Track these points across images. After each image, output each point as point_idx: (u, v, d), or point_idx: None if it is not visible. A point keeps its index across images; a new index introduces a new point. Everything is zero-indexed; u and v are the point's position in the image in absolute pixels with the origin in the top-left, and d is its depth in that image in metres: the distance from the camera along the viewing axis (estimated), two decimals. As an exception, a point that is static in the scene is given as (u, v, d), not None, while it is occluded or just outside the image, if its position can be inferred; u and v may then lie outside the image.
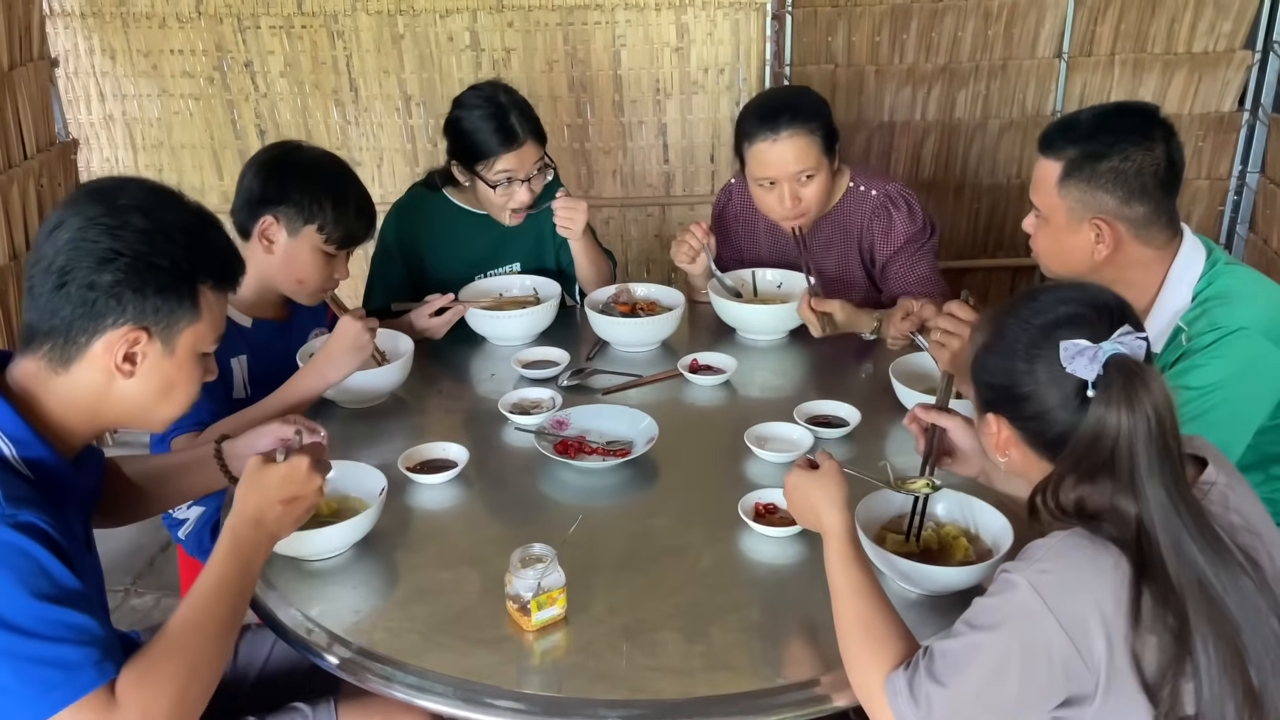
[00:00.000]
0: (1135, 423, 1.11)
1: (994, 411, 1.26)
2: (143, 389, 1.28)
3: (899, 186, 2.33)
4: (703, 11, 3.07)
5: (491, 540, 1.60)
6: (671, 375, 2.09)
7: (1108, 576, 1.09)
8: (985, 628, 1.13)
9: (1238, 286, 1.68)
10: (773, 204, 2.26)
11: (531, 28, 3.08)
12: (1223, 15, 3.09)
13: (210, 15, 3.10)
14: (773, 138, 2.18)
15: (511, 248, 2.47)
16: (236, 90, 3.21)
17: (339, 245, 2.01)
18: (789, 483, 1.45)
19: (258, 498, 1.34)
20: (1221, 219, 3.35)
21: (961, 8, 3.12)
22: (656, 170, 3.30)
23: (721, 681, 1.31)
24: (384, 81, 3.18)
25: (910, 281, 2.30)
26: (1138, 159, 1.67)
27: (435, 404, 2.09)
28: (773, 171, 2.21)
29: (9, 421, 1.22)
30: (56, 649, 1.12)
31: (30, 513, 1.15)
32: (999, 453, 1.28)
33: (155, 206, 1.27)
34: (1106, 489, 1.14)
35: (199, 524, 2.11)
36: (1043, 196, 1.75)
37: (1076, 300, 1.21)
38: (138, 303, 1.23)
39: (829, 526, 1.36)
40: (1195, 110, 3.20)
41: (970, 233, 3.42)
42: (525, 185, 2.29)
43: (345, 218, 1.99)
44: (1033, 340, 1.20)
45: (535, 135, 2.28)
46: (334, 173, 2.03)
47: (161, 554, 3.01)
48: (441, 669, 1.34)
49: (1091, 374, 1.14)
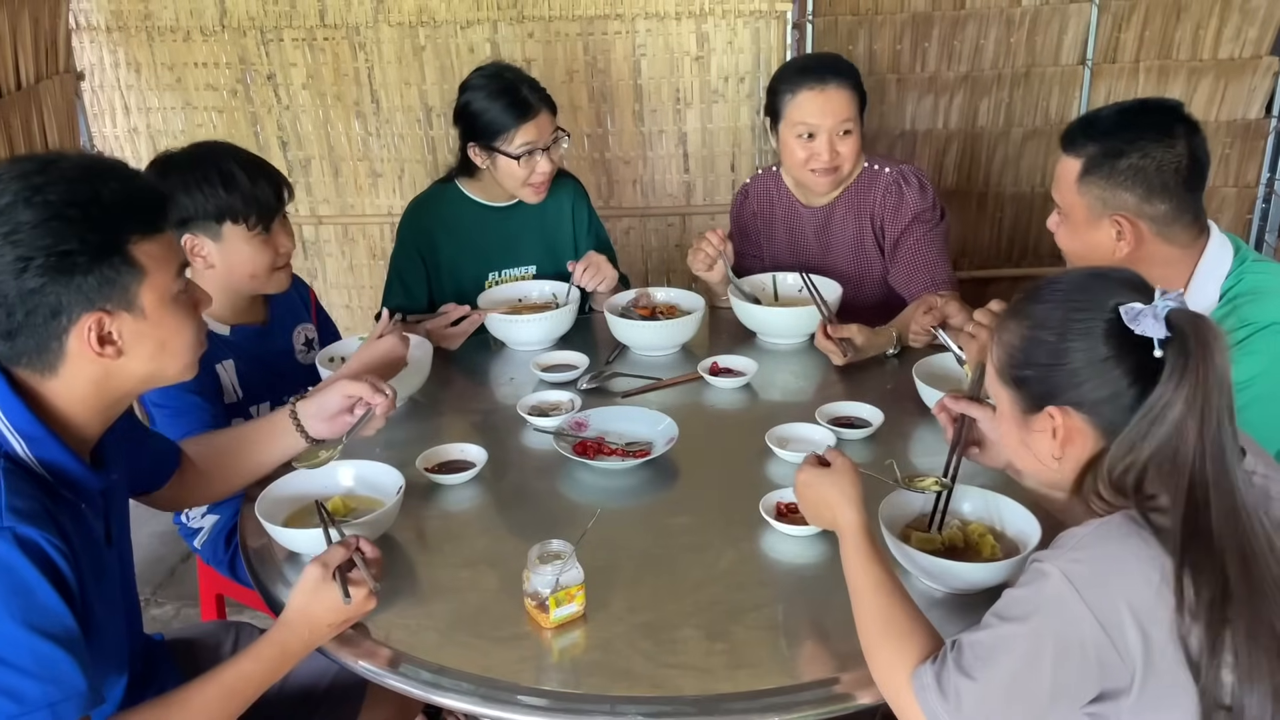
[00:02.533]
0: (1208, 377, 1.06)
1: (1051, 404, 1.17)
2: (139, 359, 1.26)
3: (913, 166, 2.38)
4: (723, 20, 3.07)
5: (509, 539, 1.58)
6: (692, 378, 2.08)
7: (1144, 565, 1.05)
8: (1016, 619, 1.09)
9: (1268, 282, 1.66)
10: (811, 155, 2.29)
11: (552, 38, 3.09)
12: (1248, 22, 3.06)
13: (234, 28, 3.13)
14: (820, 87, 2.26)
15: (525, 247, 2.47)
16: (259, 102, 3.24)
17: (263, 223, 1.91)
18: (800, 480, 1.43)
19: (312, 612, 1.33)
20: (1250, 226, 3.31)
21: (984, 15, 3.10)
22: (677, 180, 3.29)
23: (743, 679, 1.28)
24: (405, 93, 3.20)
25: (918, 266, 2.31)
26: (1158, 156, 1.65)
27: (453, 407, 2.08)
28: (816, 119, 2.26)
29: (20, 418, 1.20)
30: (17, 679, 1.09)
31: (33, 528, 1.12)
32: (1060, 447, 1.18)
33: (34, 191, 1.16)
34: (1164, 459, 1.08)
35: (214, 532, 2.11)
36: (1063, 194, 1.74)
37: (1096, 273, 1.19)
38: (74, 293, 1.18)
39: (845, 524, 1.34)
40: (1222, 117, 3.17)
41: (994, 242, 3.39)
42: (546, 155, 2.29)
43: (247, 195, 1.87)
44: (1073, 312, 1.15)
45: (547, 105, 2.30)
46: (209, 161, 1.89)
47: (182, 564, 3.01)
48: (460, 666, 1.32)
49: (1160, 331, 1.08)
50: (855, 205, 2.39)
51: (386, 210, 3.33)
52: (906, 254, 2.33)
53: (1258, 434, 1.55)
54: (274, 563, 1.55)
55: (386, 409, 1.62)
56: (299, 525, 1.55)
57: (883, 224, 2.36)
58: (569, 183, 2.53)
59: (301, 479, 1.62)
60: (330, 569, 1.33)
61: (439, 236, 2.39)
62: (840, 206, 2.40)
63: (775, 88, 2.34)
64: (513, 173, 2.30)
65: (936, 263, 2.32)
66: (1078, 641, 1.05)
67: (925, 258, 2.31)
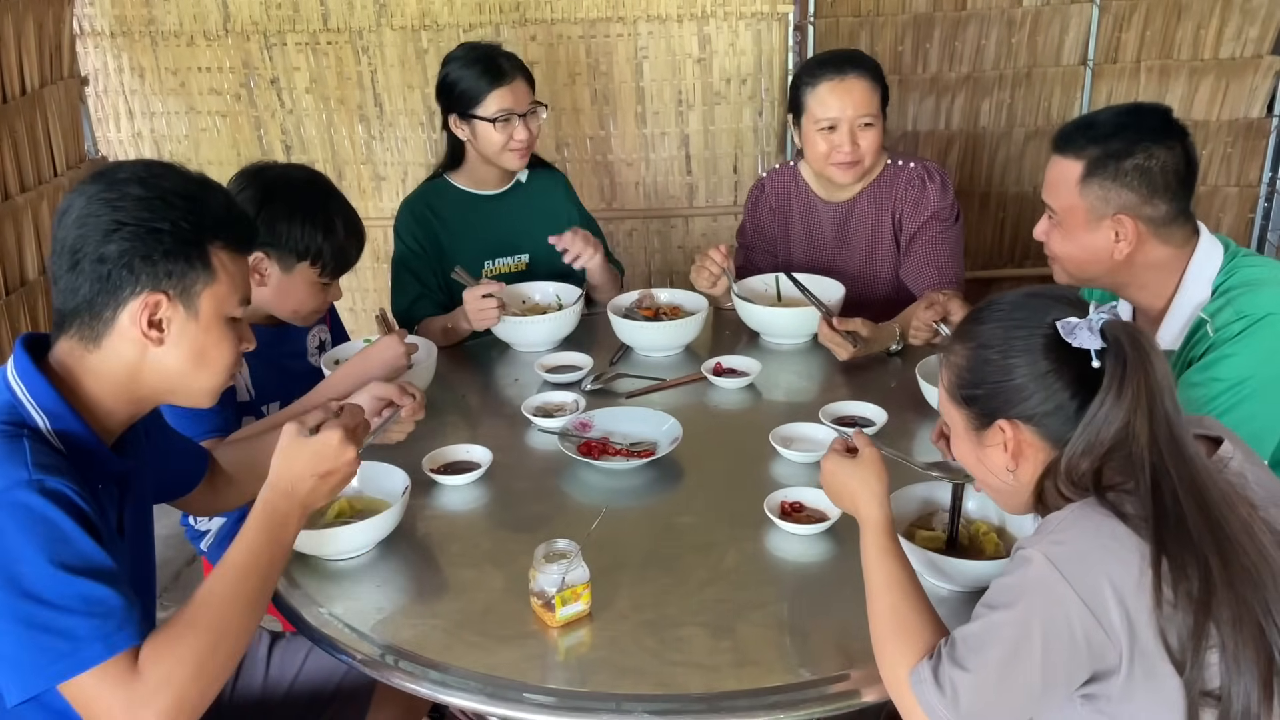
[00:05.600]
0: (1148, 381, 1.11)
1: (1001, 418, 1.20)
2: (175, 357, 1.30)
3: (936, 164, 2.40)
4: (724, 22, 3.07)
5: (514, 539, 1.59)
6: (695, 379, 2.08)
7: (1123, 542, 1.08)
8: (1003, 606, 1.11)
9: (1261, 274, 1.66)
10: (832, 148, 2.30)
11: (554, 41, 3.10)
12: (1249, 21, 3.06)
13: (237, 33, 3.15)
14: (840, 78, 2.28)
15: (518, 235, 2.49)
16: (263, 107, 3.25)
17: (334, 275, 1.98)
18: (826, 468, 1.42)
19: (291, 468, 1.33)
20: (1252, 226, 3.31)
21: (985, 16, 3.11)
22: (679, 182, 3.30)
23: (748, 676, 1.29)
24: (408, 96, 3.21)
25: (929, 263, 2.33)
26: (1161, 156, 1.66)
27: (458, 409, 2.08)
28: (836, 111, 2.28)
29: (45, 395, 1.24)
30: (67, 619, 1.12)
31: (58, 479, 1.16)
32: (1012, 461, 1.21)
33: (151, 176, 1.28)
34: (1120, 457, 1.12)
35: (220, 535, 2.11)
36: (1061, 196, 1.72)
37: (1033, 293, 1.23)
38: (149, 269, 1.25)
39: (867, 518, 1.34)
40: (1223, 117, 3.17)
41: (996, 242, 3.40)
42: (523, 122, 2.33)
43: (337, 248, 1.94)
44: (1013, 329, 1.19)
45: (523, 74, 2.35)
46: (320, 201, 1.95)
47: (188, 567, 3.02)
48: (467, 665, 1.33)
49: (1095, 343, 1.13)
50: (877, 201, 2.39)
51: (390, 214, 3.29)
52: (920, 250, 2.34)
53: (1259, 427, 1.56)
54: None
55: (413, 411, 1.64)
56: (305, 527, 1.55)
57: (901, 218, 2.37)
58: (557, 176, 2.59)
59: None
60: (306, 427, 1.35)
61: (434, 229, 2.41)
62: (862, 202, 2.40)
63: (797, 83, 2.36)
64: (491, 139, 2.34)
65: (948, 262, 2.33)
66: (1065, 623, 1.07)
67: (937, 255, 2.33)
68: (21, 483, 1.14)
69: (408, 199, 2.49)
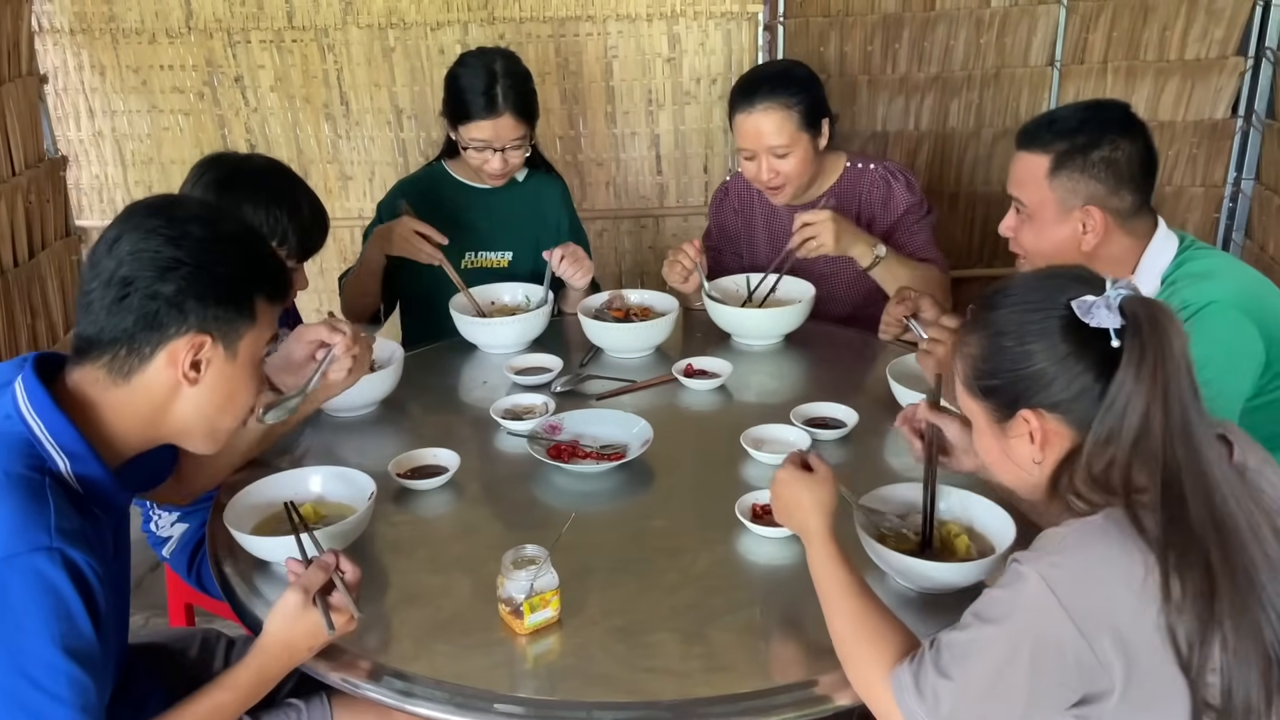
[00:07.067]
0: (1165, 359, 1.06)
1: (1024, 407, 1.16)
2: (207, 398, 1.29)
3: (898, 164, 2.41)
4: (694, 22, 3.06)
5: (483, 545, 1.56)
6: (666, 380, 2.07)
7: (1127, 565, 1.04)
8: (993, 620, 1.08)
9: (1208, 265, 1.70)
10: (753, 174, 2.32)
11: (523, 40, 3.08)
12: (1214, 22, 3.09)
13: (200, 30, 3.10)
14: (749, 110, 2.26)
15: (505, 232, 2.48)
16: (227, 105, 3.20)
17: (299, 257, 1.94)
18: (779, 477, 1.41)
19: (288, 635, 1.31)
20: (1217, 226, 3.33)
21: (953, 17, 3.11)
22: (650, 181, 3.28)
23: (720, 682, 1.27)
24: (375, 95, 3.17)
25: (910, 250, 2.34)
26: (1125, 148, 1.71)
27: (426, 411, 2.05)
28: (748, 143, 2.29)
29: (67, 436, 1.21)
30: (50, 705, 1.11)
31: (78, 550, 1.14)
32: (1039, 452, 1.17)
33: (211, 219, 1.29)
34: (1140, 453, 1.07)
35: (183, 541, 2.08)
36: (1030, 190, 1.76)
37: (1046, 274, 1.19)
38: (200, 311, 1.24)
39: (814, 530, 1.33)
40: (1189, 117, 3.20)
41: (966, 242, 3.40)
42: (500, 155, 2.31)
43: (302, 227, 1.91)
44: (1028, 314, 1.15)
45: (518, 110, 2.30)
46: (283, 182, 1.93)
47: (150, 573, 2.96)
48: (433, 674, 1.30)
49: (1114, 321, 1.08)
50: (841, 204, 2.38)
51: (357, 214, 3.30)
52: (898, 242, 2.35)
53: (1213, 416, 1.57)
54: (243, 572, 1.53)
55: (346, 345, 1.62)
56: (268, 532, 1.53)
57: (871, 221, 2.37)
58: (556, 181, 2.58)
59: (269, 486, 1.60)
60: (310, 594, 1.30)
61: (421, 212, 2.39)
62: (823, 204, 2.39)
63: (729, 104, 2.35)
64: (470, 156, 2.35)
65: (927, 246, 2.35)
66: (1055, 646, 1.04)
67: (916, 242, 2.35)
68: (42, 548, 1.12)
69: (403, 180, 2.54)
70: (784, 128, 2.24)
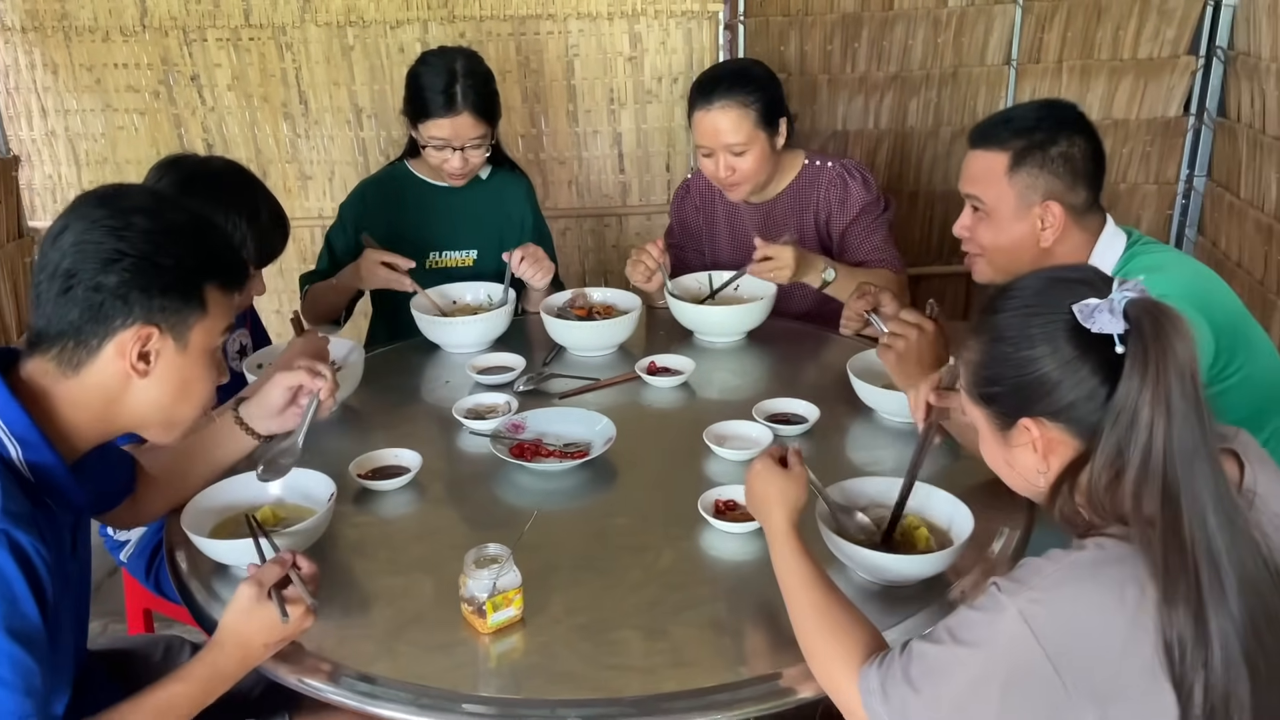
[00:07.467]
0: (1166, 367, 1.01)
1: (1026, 416, 1.12)
2: (160, 389, 1.28)
3: (855, 161, 2.42)
4: (655, 20, 3.07)
5: (445, 545, 1.55)
6: (629, 378, 2.07)
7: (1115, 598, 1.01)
8: (966, 644, 1.06)
9: (1158, 260, 1.72)
10: (711, 171, 2.34)
11: (484, 38, 3.06)
12: (1166, 22, 3.14)
13: (155, 28, 3.05)
14: (706, 107, 2.28)
15: (468, 230, 2.48)
16: (183, 104, 3.16)
17: (256, 264, 1.91)
18: (754, 468, 1.42)
19: (243, 631, 1.29)
20: (1170, 223, 3.39)
21: (911, 16, 3.14)
22: (612, 180, 3.28)
23: (685, 677, 1.27)
24: (334, 94, 3.15)
25: (866, 250, 2.36)
26: (1081, 144, 1.74)
27: (387, 412, 2.04)
28: (706, 140, 2.30)
29: (19, 423, 1.20)
30: None
31: (24, 532, 1.13)
32: (1043, 459, 1.13)
33: (158, 208, 1.27)
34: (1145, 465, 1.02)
35: (140, 545, 2.05)
36: (988, 187, 1.78)
37: (1050, 274, 1.15)
38: (145, 302, 1.23)
39: (778, 523, 1.34)
40: (1142, 115, 3.25)
41: (925, 239, 3.44)
42: (459, 154, 2.31)
43: (261, 234, 1.88)
44: (1031, 319, 1.10)
45: (477, 110, 2.28)
46: (242, 187, 1.89)
47: (108, 578, 2.92)
48: (395, 675, 1.29)
49: (1117, 326, 1.03)
50: (798, 200, 2.41)
51: (317, 213, 3.27)
52: (854, 241, 2.38)
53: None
54: (202, 576, 1.51)
55: (330, 390, 1.60)
56: (227, 536, 1.51)
57: (829, 218, 2.39)
58: (521, 179, 2.58)
59: (228, 488, 1.58)
60: (265, 588, 1.29)
61: (384, 212, 2.38)
62: (783, 201, 2.42)
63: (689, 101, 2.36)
64: (429, 154, 2.34)
65: (883, 246, 2.38)
66: (1029, 679, 1.02)
67: (872, 242, 2.37)
68: None
69: (365, 180, 2.53)
70: (741, 125, 2.26)
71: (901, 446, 1.79)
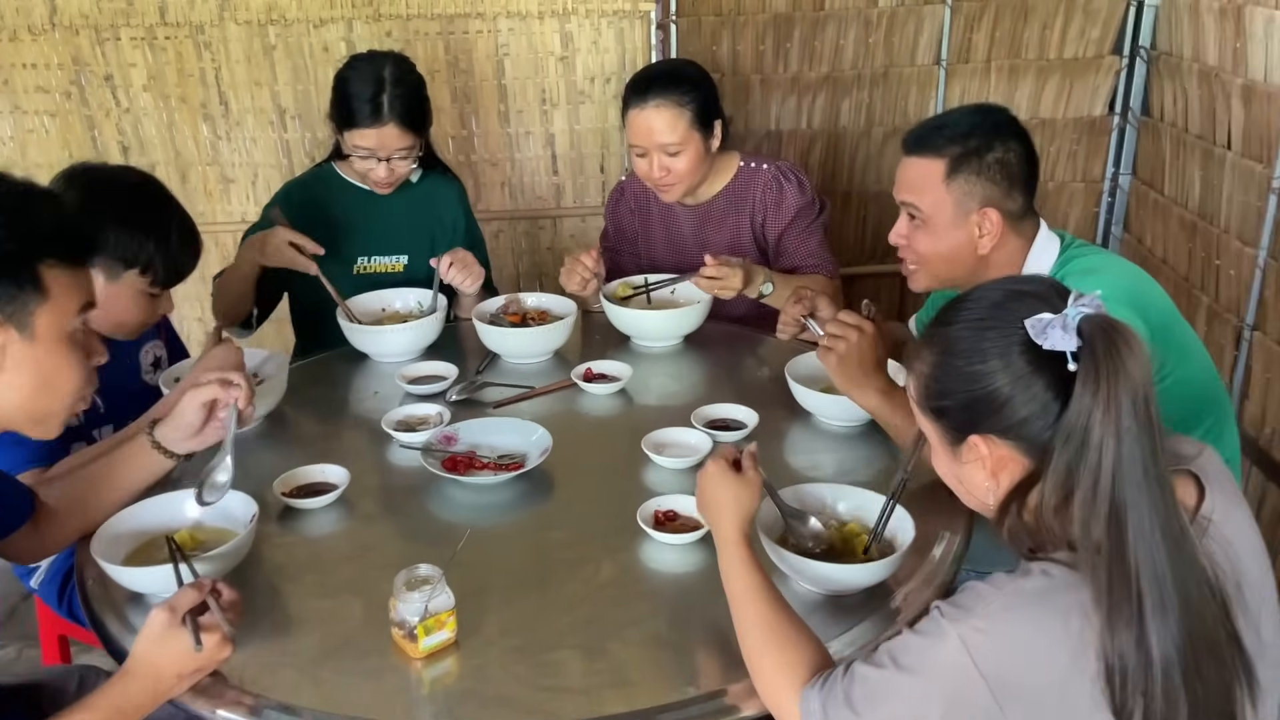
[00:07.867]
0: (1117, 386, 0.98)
1: (975, 432, 1.10)
2: (16, 385, 1.20)
3: (790, 164, 2.40)
4: (586, 20, 3.02)
5: (375, 565, 1.49)
6: (565, 385, 2.03)
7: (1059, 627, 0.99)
8: (907, 670, 1.04)
9: (1093, 263, 1.73)
10: (645, 171, 2.31)
11: (411, 37, 2.99)
12: (1091, 22, 3.18)
13: (65, 26, 2.92)
14: (641, 106, 2.26)
15: (398, 235, 2.41)
16: (96, 106, 3.03)
17: (165, 285, 1.84)
18: (707, 470, 1.37)
19: (156, 660, 1.22)
20: (1097, 220, 3.44)
21: (842, 16, 3.14)
22: (546, 181, 3.23)
23: (625, 698, 1.24)
24: (256, 94, 3.04)
25: (802, 255, 2.36)
26: (1016, 150, 1.74)
27: (313, 426, 1.97)
28: (640, 140, 2.28)
29: None
30: None
31: None
32: (991, 477, 1.11)
33: None
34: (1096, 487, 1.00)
35: (51, 571, 1.95)
36: (925, 194, 1.76)
37: (1007, 286, 1.12)
38: None
39: (727, 531, 1.31)
40: (1069, 114, 3.29)
41: (858, 239, 3.44)
42: (385, 164, 2.24)
43: (170, 255, 1.81)
44: (984, 332, 1.08)
45: (404, 120, 2.22)
46: (152, 204, 1.82)
47: (23, 602, 2.79)
48: (321, 706, 1.24)
49: (1070, 343, 1.01)
50: (734, 202, 2.39)
51: (240, 217, 3.16)
52: (790, 246, 2.37)
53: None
54: (115, 605, 1.43)
55: (248, 397, 1.53)
56: (142, 562, 1.43)
57: (764, 221, 2.38)
58: (453, 183, 2.52)
59: (141, 511, 1.51)
60: (179, 614, 1.22)
61: (310, 216, 2.30)
62: (719, 203, 2.40)
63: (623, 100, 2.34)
64: (355, 162, 2.28)
65: (818, 251, 2.37)
66: (967, 705, 1.01)
67: (808, 247, 2.36)
68: None
69: (291, 181, 2.45)
70: (676, 125, 2.23)
71: (841, 451, 1.78)
